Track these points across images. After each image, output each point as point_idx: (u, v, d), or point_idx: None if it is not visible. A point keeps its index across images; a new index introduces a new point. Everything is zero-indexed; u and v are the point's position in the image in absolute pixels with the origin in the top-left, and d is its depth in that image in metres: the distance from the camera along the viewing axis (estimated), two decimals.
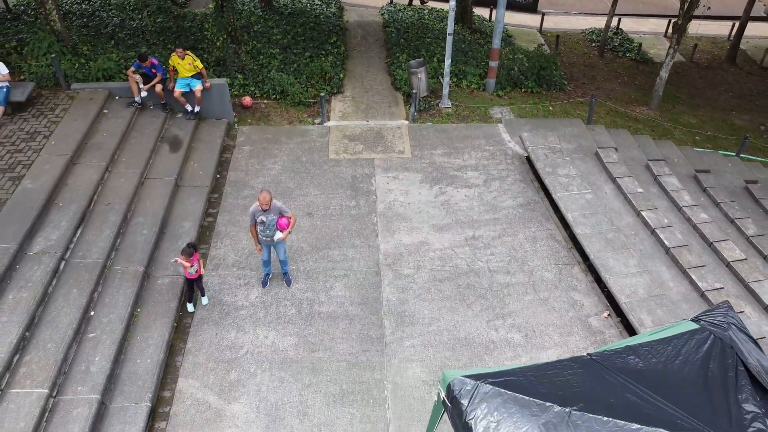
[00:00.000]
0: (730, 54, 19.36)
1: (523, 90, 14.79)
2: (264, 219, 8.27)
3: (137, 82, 11.59)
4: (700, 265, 9.56)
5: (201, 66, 11.58)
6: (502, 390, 5.30)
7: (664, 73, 14.66)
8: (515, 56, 15.46)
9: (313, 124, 12.80)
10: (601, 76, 17.25)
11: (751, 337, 5.82)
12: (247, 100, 13.04)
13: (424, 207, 10.71)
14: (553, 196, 10.47)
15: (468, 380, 5.42)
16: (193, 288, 8.68)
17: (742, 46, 20.09)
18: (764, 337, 8.59)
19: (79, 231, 9.28)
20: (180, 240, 9.46)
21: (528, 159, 11.86)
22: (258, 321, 8.69)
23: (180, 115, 12.09)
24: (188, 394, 7.77)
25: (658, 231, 10.08)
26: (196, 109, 11.98)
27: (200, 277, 8.53)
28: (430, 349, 8.35)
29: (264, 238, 8.51)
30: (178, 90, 11.66)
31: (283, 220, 8.35)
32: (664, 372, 5.42)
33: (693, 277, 9.34)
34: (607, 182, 11.28)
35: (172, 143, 11.47)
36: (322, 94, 12.61)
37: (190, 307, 8.73)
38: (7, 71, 10.88)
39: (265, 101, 13.31)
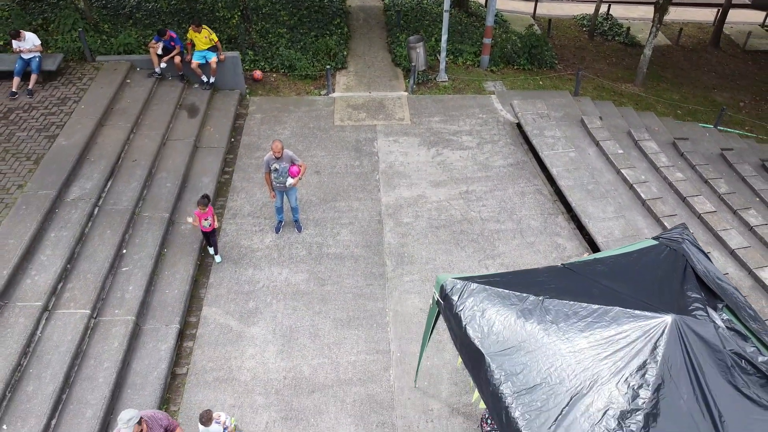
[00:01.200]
0: (714, 38, 20.32)
1: (515, 67, 15.75)
2: (277, 167, 9.23)
3: (158, 55, 12.54)
4: (673, 214, 10.52)
5: (216, 39, 12.55)
6: (487, 287, 6.28)
7: (647, 51, 15.63)
8: (508, 36, 16.42)
9: (319, 95, 13.77)
10: (591, 57, 18.20)
11: (701, 250, 6.78)
12: (257, 73, 14.00)
13: (422, 166, 11.68)
14: (540, 154, 11.45)
15: (458, 281, 6.40)
16: (209, 242, 9.57)
17: (726, 31, 21.05)
18: (727, 273, 9.56)
19: (109, 183, 10.25)
20: (200, 192, 10.41)
21: (518, 125, 12.83)
22: (272, 261, 9.65)
23: (196, 86, 13.05)
24: (212, 320, 8.73)
25: (635, 186, 11.05)
26: (212, 79, 12.94)
27: (214, 231, 9.41)
28: (427, 283, 9.31)
29: (277, 185, 9.47)
30: (195, 62, 12.62)
31: (294, 168, 9.30)
32: (624, 273, 6.39)
33: (666, 224, 10.29)
34: (590, 145, 12.24)
35: (190, 110, 12.43)
36: (328, 67, 13.58)
37: (211, 250, 9.63)
38: (39, 42, 11.81)
39: (274, 75, 14.29)
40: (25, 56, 11.62)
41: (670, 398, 5.07)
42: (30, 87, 11.67)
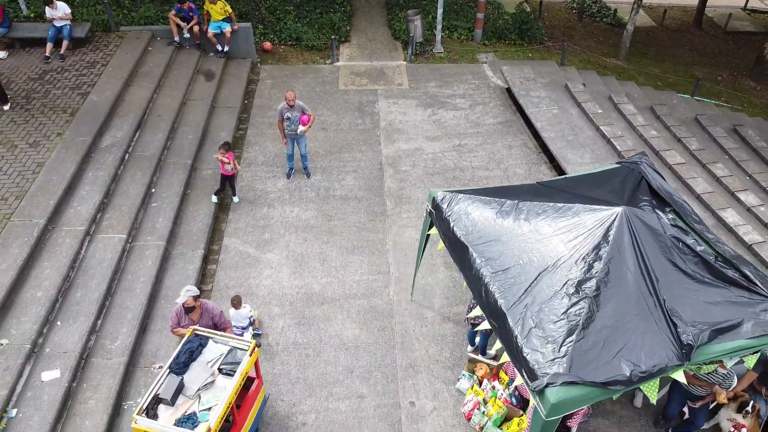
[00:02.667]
0: (697, 19, 21.44)
1: (506, 42, 16.88)
2: (290, 115, 10.36)
3: (177, 24, 13.67)
4: None
5: (230, 10, 13.68)
6: (471, 195, 7.44)
7: (629, 27, 16.76)
8: (500, 13, 17.55)
9: (325, 63, 14.91)
10: (579, 35, 19.32)
11: (656, 171, 7.91)
12: (267, 45, 15.14)
13: (419, 124, 12.82)
14: (526, 111, 12.60)
15: (447, 193, 7.57)
16: (224, 186, 10.63)
17: (709, 14, 22.17)
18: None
19: (137, 133, 11.38)
20: (219, 144, 11.52)
21: (508, 90, 13.97)
22: (284, 201, 10.79)
23: (212, 55, 14.19)
24: (232, 248, 9.88)
25: (612, 140, 12.18)
26: (226, 48, 14.07)
27: (233, 176, 10.52)
28: (422, 219, 10.42)
29: (289, 133, 10.60)
30: (211, 31, 13.76)
31: (305, 117, 10.44)
32: (587, 184, 7.54)
33: None
34: (573, 106, 13.38)
35: (207, 75, 13.57)
36: (333, 38, 14.72)
37: (214, 198, 10.53)
38: (70, 11, 12.94)
39: (282, 47, 15.43)
40: (57, 24, 12.75)
41: (618, 270, 6.20)
42: (62, 52, 12.81)
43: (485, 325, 6.69)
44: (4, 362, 7.34)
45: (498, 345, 6.38)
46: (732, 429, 7.10)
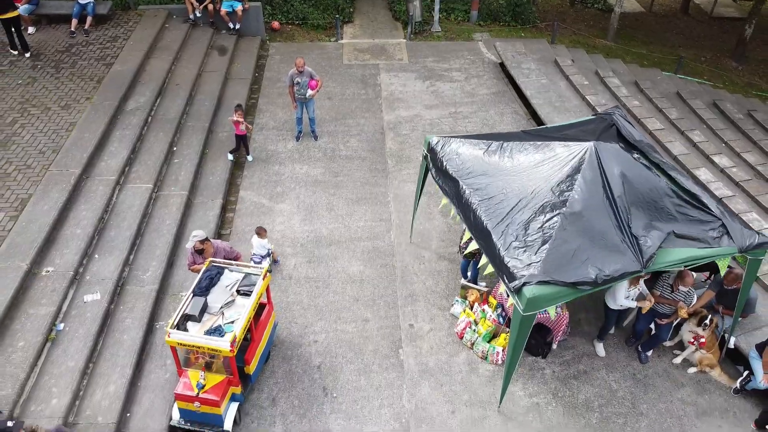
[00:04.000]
0: (684, 5, 22.42)
1: (501, 23, 17.85)
2: (299, 80, 11.34)
3: (192, 3, 14.65)
4: None
5: None
6: (462, 139, 8.42)
7: (617, 9, 17.73)
8: None
9: (330, 41, 15.91)
10: (570, 19, 20.30)
11: (628, 120, 8.88)
12: (275, 24, 16.13)
13: (417, 94, 13.81)
14: (517, 81, 13.58)
15: (440, 138, 8.55)
16: (239, 145, 11.61)
17: (696, 0, 23.14)
18: None
19: (158, 99, 12.37)
20: (232, 111, 12.51)
21: (501, 65, 14.95)
22: (294, 160, 11.78)
23: (224, 32, 15.18)
24: (247, 199, 10.86)
25: (597, 108, 13.13)
26: (237, 26, 15.06)
27: (246, 136, 11.49)
28: (426, 193, 11.41)
29: (298, 96, 11.58)
30: (224, 10, 14.74)
31: (313, 82, 11.41)
32: (564, 129, 8.50)
33: None
34: (561, 79, 14.36)
35: (220, 50, 14.56)
36: (337, 17, 15.70)
37: (230, 156, 11.52)
38: None
39: (289, 26, 16.41)
40: (82, 1, 13.72)
41: (587, 193, 7.17)
42: (86, 27, 13.80)
43: (473, 246, 7.67)
44: (51, 285, 8.33)
45: (488, 269, 7.34)
46: (692, 340, 8.08)
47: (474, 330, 8.45)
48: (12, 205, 9.28)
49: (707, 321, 7.93)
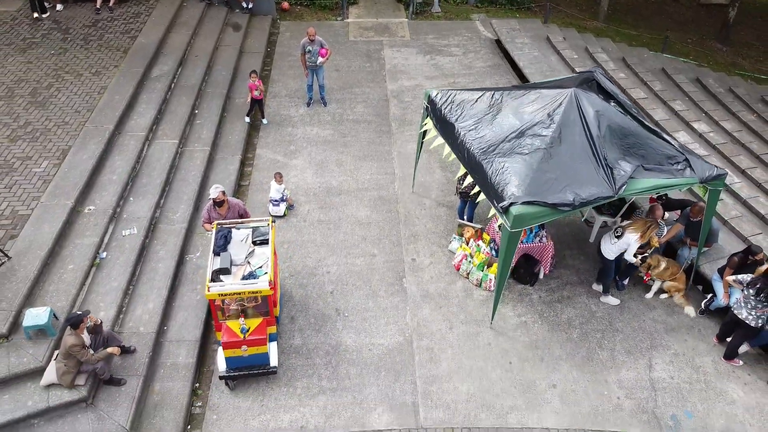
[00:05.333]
0: None
1: (497, 5, 18.88)
2: (310, 48, 12.37)
3: None
4: None
5: None
6: (458, 91, 9.43)
7: None
8: None
9: (336, 20, 16.96)
10: (564, 3, 21.30)
11: (608, 79, 9.89)
12: (285, 5, 17.17)
13: (419, 66, 14.84)
14: (511, 54, 14.62)
15: (439, 90, 9.56)
16: (254, 108, 12.62)
17: None
18: None
19: (179, 69, 13.41)
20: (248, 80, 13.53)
21: (497, 42, 15.97)
22: (305, 123, 12.81)
23: (237, 11, 16.23)
24: (263, 156, 11.90)
25: None
26: (250, 5, 16.10)
27: (262, 100, 12.53)
28: (426, 150, 12.45)
29: (309, 64, 12.61)
30: None
31: (323, 50, 12.44)
32: (548, 83, 9.52)
33: None
34: (552, 53, 15.39)
35: (234, 27, 15.60)
36: None
37: (246, 119, 12.56)
38: None
39: (298, 7, 17.45)
40: None
41: (567, 131, 8.17)
42: (110, 5, 14.84)
43: (469, 179, 8.70)
44: (93, 221, 9.37)
45: (481, 197, 8.36)
46: (645, 279, 9.11)
47: (469, 261, 9.48)
48: (54, 154, 10.32)
49: (646, 255, 8.85)
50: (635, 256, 8.62)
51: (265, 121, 12.75)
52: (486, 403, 7.83)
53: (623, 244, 8.55)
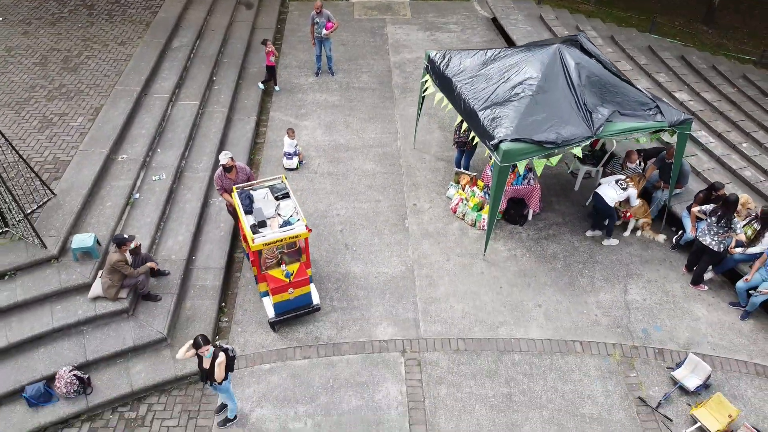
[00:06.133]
0: None
1: None
2: (318, 20, 13.41)
3: None
4: None
5: None
6: (455, 51, 10.46)
7: None
8: None
9: (341, 0, 17.99)
10: None
11: (592, 43, 10.90)
12: None
13: (419, 41, 15.88)
14: (505, 29, 15.65)
15: (438, 51, 10.59)
16: (272, 74, 13.67)
17: None
18: None
19: (197, 41, 14.45)
20: (260, 52, 14.56)
21: (493, 20, 17.01)
22: (314, 90, 13.85)
23: None
24: (276, 118, 12.94)
25: None
26: None
27: (275, 67, 13.56)
28: (426, 113, 13.49)
29: (317, 35, 13.65)
30: None
31: (330, 24, 13.48)
32: (537, 44, 10.55)
33: None
34: (545, 30, 16.41)
35: (246, 5, 16.64)
36: None
37: (261, 86, 13.63)
38: None
39: None
40: None
41: (551, 80, 9.20)
42: None
43: (464, 125, 9.72)
44: (127, 167, 10.41)
45: (476, 140, 9.37)
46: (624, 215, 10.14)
47: (465, 205, 10.51)
48: (88, 111, 11.36)
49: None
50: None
51: (277, 88, 13.79)
52: (479, 319, 8.87)
53: (627, 194, 9.58)
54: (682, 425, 7.65)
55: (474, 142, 9.67)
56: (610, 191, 9.66)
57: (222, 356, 6.74)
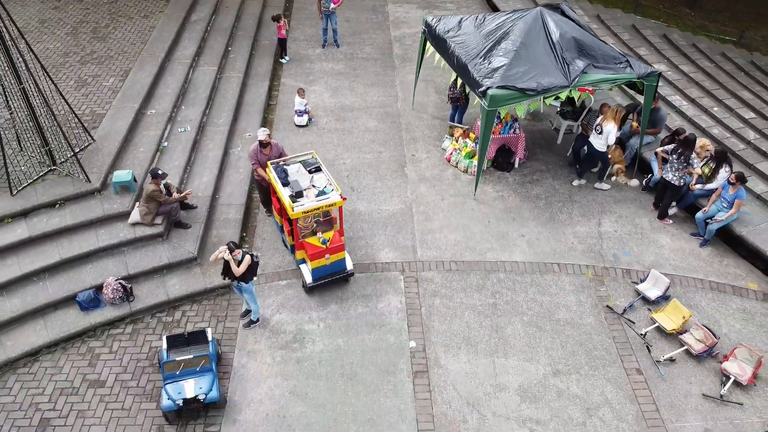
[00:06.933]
0: None
1: None
2: None
3: None
4: None
5: None
6: (450, 16, 11.69)
7: None
8: None
9: None
10: None
11: (573, 11, 12.11)
12: None
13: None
14: (497, 6, 16.86)
15: (434, 17, 11.81)
16: (283, 47, 14.91)
17: None
18: None
19: (213, 16, 15.68)
20: (271, 27, 15.77)
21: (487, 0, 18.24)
22: (321, 59, 15.09)
23: None
24: (287, 83, 14.17)
25: None
26: None
27: (285, 39, 14.81)
28: (423, 80, 14.71)
29: (324, 10, 14.88)
30: None
31: None
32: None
33: None
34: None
35: None
36: None
37: (282, 60, 14.94)
38: None
39: None
40: None
41: (533, 35, 10.43)
42: None
43: (454, 76, 10.93)
44: (155, 120, 11.64)
45: (467, 90, 10.58)
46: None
47: (458, 153, 11.73)
48: (118, 73, 12.60)
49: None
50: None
51: (287, 58, 15.02)
52: (469, 246, 10.09)
53: (605, 135, 10.68)
54: (642, 327, 8.87)
55: (466, 93, 10.89)
56: (595, 140, 10.84)
57: (248, 258, 7.97)
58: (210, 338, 8.00)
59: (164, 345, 7.85)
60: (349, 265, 9.27)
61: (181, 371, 7.61)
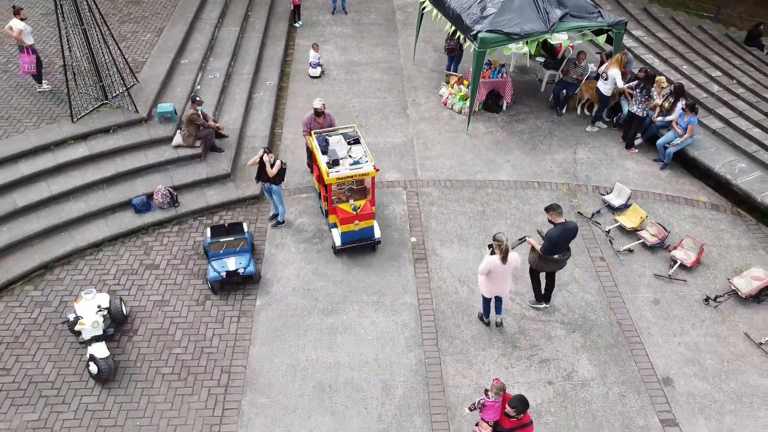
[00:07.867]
0: None
1: None
2: None
3: None
4: None
5: None
6: None
7: None
8: None
9: None
10: None
11: None
12: None
13: None
14: None
15: None
16: (297, 13, 16.59)
17: None
18: None
19: None
20: (284, 1, 17.46)
21: None
22: (331, 24, 16.78)
23: None
24: (301, 44, 15.85)
25: None
26: None
27: (299, 5, 16.48)
28: (423, 41, 16.39)
29: None
30: None
31: None
32: None
33: None
34: None
35: None
36: None
37: (296, 25, 16.63)
38: None
39: None
40: None
41: None
42: None
43: (449, 25, 12.61)
44: (188, 68, 13.32)
45: (462, 37, 12.24)
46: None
47: (453, 97, 13.41)
48: (153, 30, 14.28)
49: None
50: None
51: (300, 23, 16.72)
52: (462, 170, 11.76)
53: (610, 80, 12.22)
54: (606, 226, 10.54)
55: (461, 44, 12.56)
56: (602, 85, 12.35)
57: (278, 162, 9.65)
58: (246, 229, 9.68)
59: (208, 233, 9.54)
60: (377, 233, 9.68)
61: (224, 251, 9.29)
